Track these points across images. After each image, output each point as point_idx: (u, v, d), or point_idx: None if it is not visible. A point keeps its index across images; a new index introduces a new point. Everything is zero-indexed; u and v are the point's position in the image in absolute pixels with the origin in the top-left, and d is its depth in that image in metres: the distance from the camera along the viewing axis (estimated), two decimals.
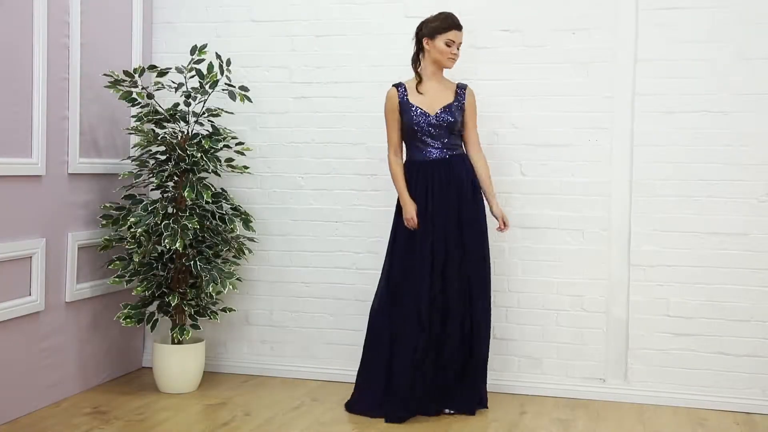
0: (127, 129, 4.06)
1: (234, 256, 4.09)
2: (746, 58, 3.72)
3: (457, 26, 3.60)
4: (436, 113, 3.60)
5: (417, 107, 3.61)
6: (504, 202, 3.98)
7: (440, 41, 3.59)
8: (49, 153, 3.62)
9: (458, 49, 3.62)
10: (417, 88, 3.64)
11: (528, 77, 3.96)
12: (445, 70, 3.70)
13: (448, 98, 3.64)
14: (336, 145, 4.18)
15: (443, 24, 3.59)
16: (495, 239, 3.99)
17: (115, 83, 3.82)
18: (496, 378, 3.96)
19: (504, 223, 3.70)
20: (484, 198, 3.69)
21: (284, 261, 4.29)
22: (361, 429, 3.43)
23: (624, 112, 3.87)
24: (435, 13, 3.66)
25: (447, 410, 3.63)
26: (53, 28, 3.61)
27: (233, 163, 4.02)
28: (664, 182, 3.82)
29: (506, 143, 3.99)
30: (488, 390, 3.73)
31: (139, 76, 3.87)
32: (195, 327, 4.00)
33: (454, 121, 3.61)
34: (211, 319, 3.99)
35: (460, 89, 3.68)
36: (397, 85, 3.67)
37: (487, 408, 3.69)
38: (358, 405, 3.65)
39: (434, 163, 3.62)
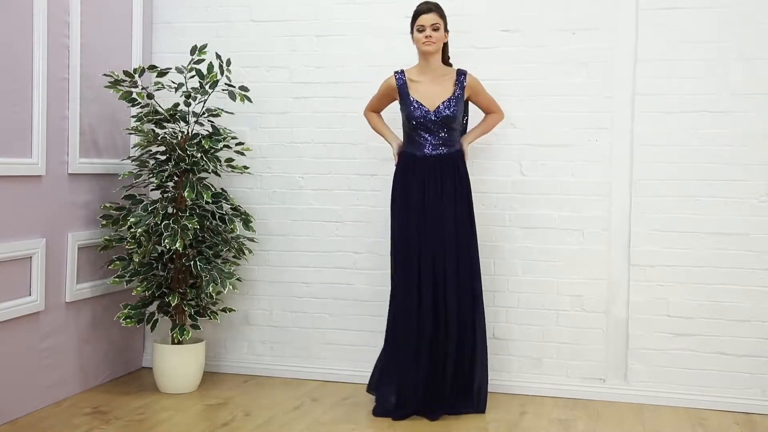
0: (127, 129, 4.06)
1: (234, 256, 4.09)
2: (746, 58, 3.72)
3: (423, 11, 3.58)
4: (437, 108, 3.59)
5: (416, 100, 3.61)
6: (504, 202, 3.99)
7: (415, 31, 3.61)
8: (49, 153, 3.62)
9: (435, 31, 3.56)
10: (415, 80, 3.65)
11: (528, 77, 3.96)
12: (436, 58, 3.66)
13: (447, 92, 3.62)
14: (336, 145, 4.18)
15: (413, 15, 3.62)
16: (495, 239, 4.00)
17: (115, 83, 3.82)
18: (496, 378, 3.96)
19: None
20: (471, 193, 3.66)
21: (284, 261, 4.29)
22: (362, 429, 3.43)
23: (624, 112, 3.86)
24: None
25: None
26: (53, 28, 3.61)
27: (233, 163, 4.02)
28: (664, 182, 3.82)
29: (506, 143, 3.99)
30: (488, 390, 3.71)
31: (139, 77, 3.87)
32: (195, 327, 4.00)
33: (452, 116, 3.60)
34: (211, 319, 3.99)
35: (460, 76, 3.65)
36: (397, 72, 3.69)
37: (482, 413, 3.63)
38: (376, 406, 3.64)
39: (428, 159, 3.60)
